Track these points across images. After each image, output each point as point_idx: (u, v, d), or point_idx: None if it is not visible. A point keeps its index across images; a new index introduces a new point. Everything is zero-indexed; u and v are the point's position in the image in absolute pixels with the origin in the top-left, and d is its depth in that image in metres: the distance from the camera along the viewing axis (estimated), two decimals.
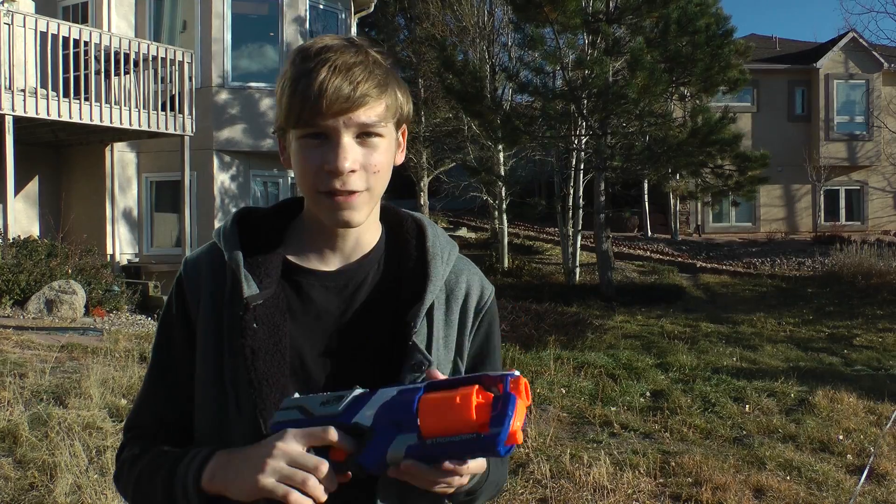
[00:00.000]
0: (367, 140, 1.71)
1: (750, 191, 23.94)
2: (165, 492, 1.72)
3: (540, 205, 27.00)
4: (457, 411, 1.50)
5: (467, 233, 35.33)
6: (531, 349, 12.88)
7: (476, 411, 1.49)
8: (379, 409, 1.56)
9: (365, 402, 1.58)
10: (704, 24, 21.22)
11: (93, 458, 6.56)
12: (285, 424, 1.60)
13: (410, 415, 1.53)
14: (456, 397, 1.51)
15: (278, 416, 1.62)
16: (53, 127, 17.22)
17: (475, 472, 1.60)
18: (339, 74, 1.65)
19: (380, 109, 1.71)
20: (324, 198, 1.72)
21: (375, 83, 1.69)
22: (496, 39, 31.19)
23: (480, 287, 1.94)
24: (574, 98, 22.48)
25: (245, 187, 21.09)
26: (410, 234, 1.91)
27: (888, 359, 14.82)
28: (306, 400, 1.62)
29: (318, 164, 1.69)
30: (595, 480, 7.05)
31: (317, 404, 1.60)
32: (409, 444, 1.53)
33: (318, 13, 22.14)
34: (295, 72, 1.69)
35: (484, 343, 1.93)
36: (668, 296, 23.28)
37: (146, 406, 1.89)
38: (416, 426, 1.52)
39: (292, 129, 1.72)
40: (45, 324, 12.83)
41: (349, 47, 1.71)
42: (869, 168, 38.01)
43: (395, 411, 1.55)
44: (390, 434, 1.55)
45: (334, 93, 1.64)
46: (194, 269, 1.86)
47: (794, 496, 7.16)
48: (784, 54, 39.08)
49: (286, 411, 1.62)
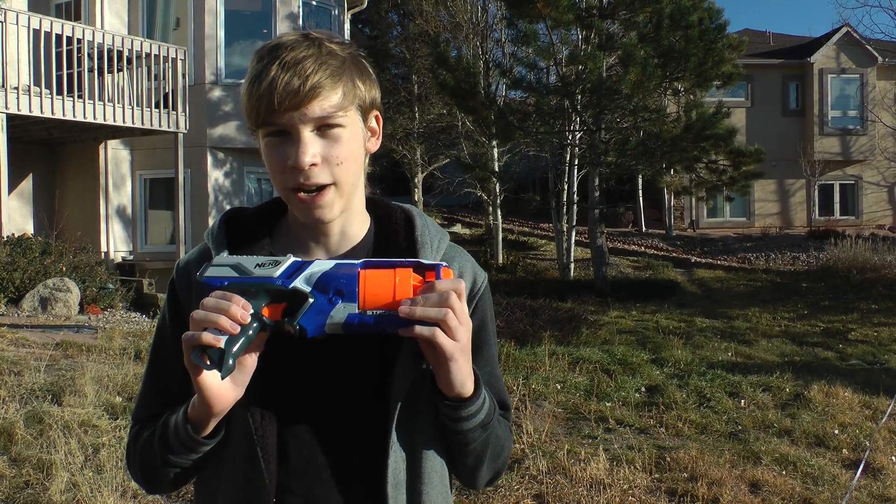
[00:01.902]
0: (327, 132, 1.73)
1: (744, 186, 23.95)
2: (161, 442, 1.79)
3: (534, 200, 26.97)
4: (396, 288, 1.61)
5: (461, 229, 35.29)
6: (526, 345, 12.88)
7: (413, 291, 1.62)
8: (320, 277, 1.63)
9: (302, 269, 1.66)
10: (697, 19, 21.19)
11: (88, 455, 6.55)
12: (218, 279, 1.67)
13: (352, 286, 1.61)
14: (395, 276, 1.62)
15: (211, 271, 1.68)
16: (47, 125, 17.18)
17: (451, 289, 1.62)
18: (288, 70, 1.67)
19: (335, 100, 1.72)
20: (293, 195, 1.75)
21: (328, 74, 1.70)
22: (489, 35, 31.18)
23: (473, 274, 1.96)
24: (568, 94, 22.47)
25: (239, 184, 21.06)
26: (399, 225, 1.92)
27: (883, 353, 14.84)
28: (241, 259, 1.68)
29: (282, 161, 1.72)
30: (591, 476, 7.05)
31: (252, 265, 1.66)
32: (349, 313, 1.62)
33: (310, 10, 22.10)
34: (251, 73, 1.72)
35: (479, 329, 1.92)
36: (663, 291, 23.28)
37: (145, 405, 1.94)
38: (356, 297, 1.61)
39: (257, 129, 1.75)
40: (39, 322, 12.81)
41: (302, 42, 1.72)
42: (863, 162, 38.04)
43: (337, 281, 1.62)
44: (332, 301, 1.62)
45: (284, 88, 1.66)
46: (185, 272, 1.90)
47: (790, 491, 7.17)
48: (778, 49, 39.11)
49: (220, 267, 1.68)
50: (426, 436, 1.81)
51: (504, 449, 1.94)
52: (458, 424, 1.76)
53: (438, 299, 1.60)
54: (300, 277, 1.64)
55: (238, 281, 1.65)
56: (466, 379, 1.70)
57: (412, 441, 1.80)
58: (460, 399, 1.72)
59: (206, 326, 1.59)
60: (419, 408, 1.80)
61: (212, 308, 1.59)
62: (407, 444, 1.79)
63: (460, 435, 1.79)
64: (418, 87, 33.94)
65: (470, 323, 1.67)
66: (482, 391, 1.76)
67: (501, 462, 1.95)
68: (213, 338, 1.57)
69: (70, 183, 20.11)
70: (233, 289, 1.64)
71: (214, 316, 1.58)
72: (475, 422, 1.77)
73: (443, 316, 1.59)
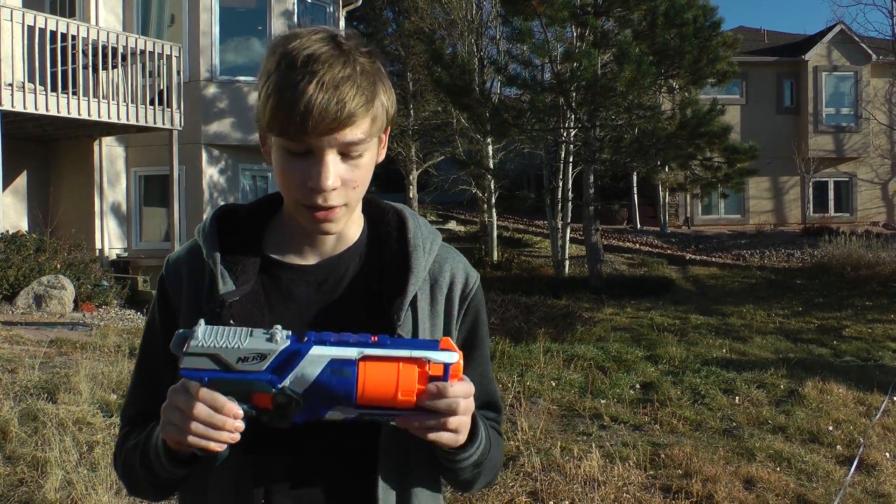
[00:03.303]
0: (350, 156, 1.70)
1: (739, 183, 23.96)
2: (143, 464, 1.78)
3: (529, 198, 27.02)
4: (399, 386, 1.55)
5: (456, 226, 35.33)
6: (521, 342, 12.88)
7: (417, 396, 1.56)
8: (313, 384, 1.55)
9: (292, 365, 1.55)
10: (692, 17, 21.23)
11: (83, 453, 6.55)
12: (197, 373, 1.56)
13: (349, 391, 1.55)
14: (398, 373, 1.55)
15: (188, 362, 1.56)
16: (41, 121, 17.16)
17: (462, 396, 1.60)
18: (326, 92, 1.61)
19: (365, 126, 1.69)
20: (304, 210, 1.73)
21: (363, 100, 1.66)
22: (484, 33, 31.20)
23: (465, 274, 1.94)
24: (563, 91, 22.47)
25: (234, 181, 21.06)
26: (392, 227, 1.91)
27: (877, 350, 14.86)
28: (222, 349, 1.55)
29: (301, 178, 1.69)
30: (585, 473, 7.05)
31: (234, 358, 1.55)
32: (346, 416, 1.58)
33: (305, 6, 22.09)
34: (280, 79, 1.64)
35: (471, 330, 1.93)
36: (658, 288, 23.28)
37: (133, 401, 1.94)
38: (353, 398, 1.55)
39: (275, 136, 1.70)
40: (33, 319, 12.81)
41: (337, 57, 1.65)
42: (857, 160, 38.10)
43: (332, 390, 1.55)
44: (327, 405, 1.57)
45: (320, 113, 1.60)
46: (175, 268, 1.88)
47: (784, 487, 7.18)
48: (772, 46, 39.14)
49: (197, 357, 1.56)
50: (418, 441, 1.80)
51: (497, 465, 1.94)
52: (453, 464, 1.78)
53: (445, 407, 1.59)
54: (290, 377, 1.55)
55: (220, 378, 1.56)
56: (462, 438, 1.69)
57: (404, 446, 1.78)
58: (455, 448, 1.73)
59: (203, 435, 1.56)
60: None
61: (205, 421, 1.55)
62: (398, 446, 1.78)
63: (453, 472, 1.81)
64: (413, 85, 33.93)
65: (472, 409, 1.66)
66: (478, 436, 1.76)
67: (494, 474, 1.96)
68: (217, 446, 1.57)
69: (64, 180, 20.10)
70: (215, 386, 1.55)
71: (215, 434, 1.55)
72: (469, 461, 1.78)
73: (443, 425, 1.60)
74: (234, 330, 1.58)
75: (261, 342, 1.55)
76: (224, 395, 1.55)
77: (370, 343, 1.57)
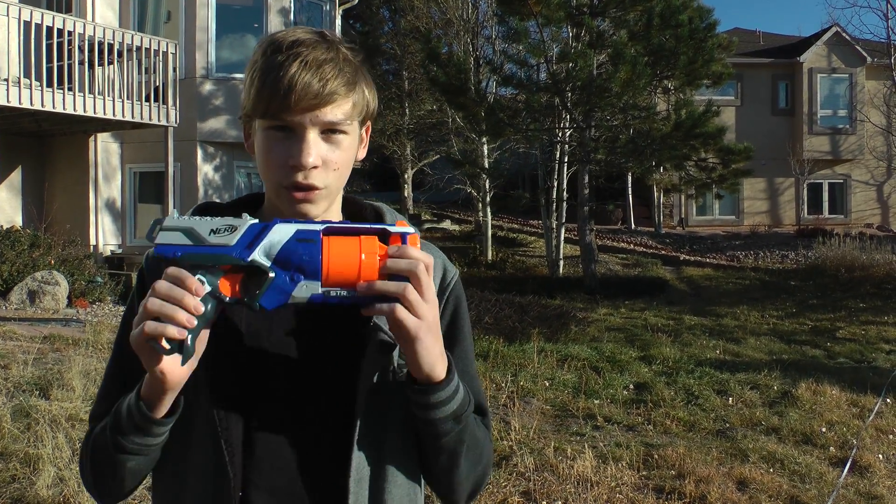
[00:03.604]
0: (331, 136, 1.73)
1: (733, 184, 24.02)
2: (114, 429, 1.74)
3: (524, 197, 27.02)
4: (362, 264, 1.57)
5: (451, 225, 35.32)
6: (515, 342, 12.89)
7: (380, 263, 1.58)
8: (280, 251, 1.57)
9: (261, 237, 1.58)
10: (687, 18, 21.25)
11: (76, 450, 6.53)
12: (171, 248, 1.59)
13: (315, 262, 1.57)
14: (360, 249, 1.57)
15: (162, 237, 1.60)
16: (37, 117, 17.14)
17: (422, 260, 1.60)
18: (309, 70, 1.66)
19: (347, 107, 1.73)
20: (284, 191, 1.75)
21: (344, 81, 1.71)
22: (480, 32, 31.19)
23: (443, 269, 1.94)
24: (558, 91, 22.48)
25: (229, 178, 21.04)
26: (370, 222, 1.89)
27: (871, 351, 14.88)
28: (195, 222, 1.60)
29: (283, 157, 1.72)
30: (579, 473, 7.05)
31: (206, 230, 1.58)
32: (312, 293, 1.58)
33: (302, 5, 22.09)
34: (266, 63, 1.70)
35: (451, 324, 1.92)
36: (652, 288, 23.32)
37: (106, 398, 1.90)
38: (319, 274, 1.56)
39: (259, 119, 1.74)
40: (27, 315, 12.80)
41: (321, 42, 1.72)
42: (852, 161, 38.16)
43: (299, 257, 1.57)
44: (294, 278, 1.58)
45: (303, 89, 1.66)
46: (156, 263, 1.84)
47: (777, 488, 7.19)
48: (768, 48, 39.19)
49: (171, 232, 1.60)
50: (395, 432, 1.80)
51: (483, 455, 1.90)
52: (429, 413, 1.73)
53: (405, 266, 1.58)
54: (259, 248, 1.57)
55: (191, 252, 1.58)
56: (436, 362, 1.67)
57: (379, 437, 1.78)
58: (429, 383, 1.69)
59: (159, 317, 1.54)
60: (388, 403, 1.79)
61: (165, 296, 1.54)
62: (373, 441, 1.78)
63: (431, 426, 1.75)
64: (409, 84, 33.98)
65: (436, 301, 1.65)
66: (454, 377, 1.73)
67: (482, 470, 1.91)
68: (176, 331, 1.54)
69: (59, 175, 20.07)
70: (186, 262, 1.57)
71: (171, 309, 1.53)
72: (446, 411, 1.73)
73: (402, 290, 1.58)
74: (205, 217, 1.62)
75: (230, 219, 1.60)
76: None
77: (332, 223, 1.62)
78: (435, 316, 1.64)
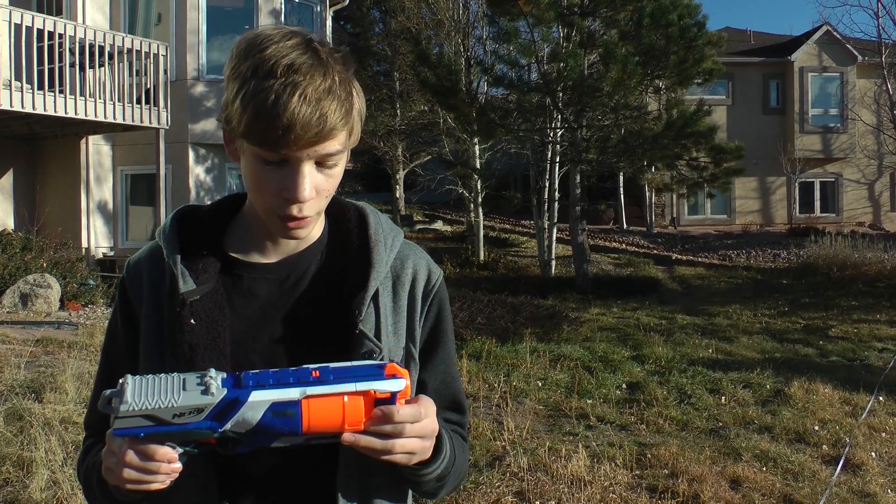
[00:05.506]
0: (325, 166, 1.69)
1: (725, 183, 24.01)
2: (99, 484, 1.74)
3: (515, 198, 27.05)
4: (345, 417, 1.52)
5: (443, 226, 35.30)
6: (507, 342, 12.90)
7: (365, 424, 1.54)
8: (255, 427, 1.50)
9: (232, 411, 1.49)
10: (677, 17, 21.25)
11: (69, 452, 6.53)
12: (132, 430, 1.49)
13: (294, 428, 1.51)
14: (344, 406, 1.52)
15: (119, 424, 1.48)
16: (28, 120, 17.12)
17: (409, 421, 1.58)
18: (308, 105, 1.58)
19: (343, 139, 1.68)
20: (277, 219, 1.72)
21: (343, 112, 1.64)
22: (471, 33, 31.15)
23: (427, 271, 1.94)
24: (549, 91, 22.48)
25: (220, 181, 21.03)
26: (353, 223, 1.90)
27: (863, 349, 14.89)
28: (156, 408, 1.47)
29: (276, 187, 1.67)
30: (572, 473, 7.06)
31: (170, 415, 1.47)
32: (293, 443, 1.55)
33: (293, 6, 22.09)
34: (258, 88, 1.60)
35: (435, 326, 1.93)
36: (644, 288, 23.31)
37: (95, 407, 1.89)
38: (299, 430, 1.51)
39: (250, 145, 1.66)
40: (19, 318, 12.78)
41: (317, 67, 1.62)
42: (843, 160, 38.25)
43: (275, 430, 1.51)
44: (270, 440, 1.54)
45: (303, 127, 1.58)
46: (136, 270, 1.88)
47: (770, 487, 7.20)
48: (759, 47, 39.27)
49: (130, 419, 1.48)
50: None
51: (462, 472, 1.91)
52: (414, 478, 1.77)
53: (390, 431, 1.56)
54: (231, 422, 1.49)
55: (156, 431, 1.48)
56: (426, 455, 1.67)
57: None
58: (417, 465, 1.72)
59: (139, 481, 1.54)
60: None
61: (139, 468, 1.52)
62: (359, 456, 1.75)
63: (415, 484, 1.81)
64: (400, 84, 33.95)
65: (428, 430, 1.63)
66: (443, 451, 1.75)
67: (460, 480, 1.94)
68: (158, 485, 1.55)
69: (51, 178, 20.04)
70: (152, 440, 1.49)
71: (148, 477, 1.53)
72: (431, 476, 1.76)
73: (389, 448, 1.57)
74: (165, 379, 1.50)
75: (195, 395, 1.48)
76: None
77: (312, 380, 1.51)
78: (429, 445, 1.66)
